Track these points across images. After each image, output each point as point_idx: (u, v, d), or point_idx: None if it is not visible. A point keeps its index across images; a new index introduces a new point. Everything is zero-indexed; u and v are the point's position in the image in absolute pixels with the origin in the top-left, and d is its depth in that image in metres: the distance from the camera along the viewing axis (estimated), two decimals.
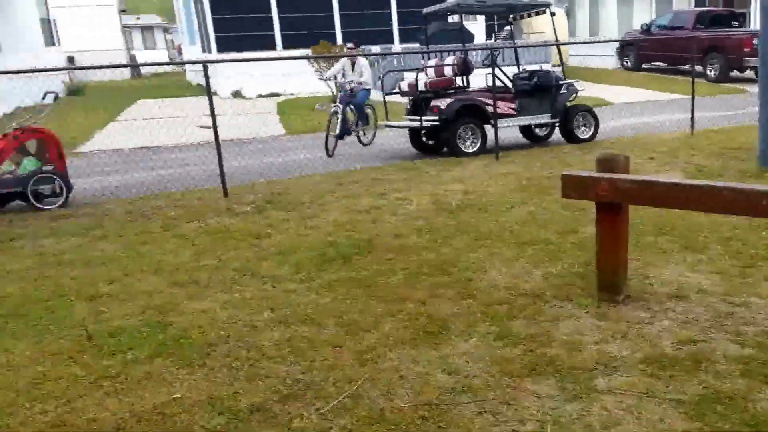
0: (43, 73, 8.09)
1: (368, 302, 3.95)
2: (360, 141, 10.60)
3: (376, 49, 18.55)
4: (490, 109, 9.16)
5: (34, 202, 6.84)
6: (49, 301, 4.16)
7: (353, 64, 10.44)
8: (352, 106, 10.19)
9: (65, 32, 27.72)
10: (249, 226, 5.82)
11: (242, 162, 8.95)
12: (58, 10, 27.11)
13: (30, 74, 14.55)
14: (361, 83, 10.23)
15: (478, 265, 4.49)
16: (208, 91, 7.07)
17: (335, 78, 10.58)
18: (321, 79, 10.47)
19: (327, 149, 9.64)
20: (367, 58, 17.76)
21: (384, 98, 10.20)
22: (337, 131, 9.80)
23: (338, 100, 10.08)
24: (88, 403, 2.95)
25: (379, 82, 17.84)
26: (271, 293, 4.19)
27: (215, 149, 7.21)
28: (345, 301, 3.98)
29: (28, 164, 7.02)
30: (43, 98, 7.41)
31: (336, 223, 5.75)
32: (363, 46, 18.25)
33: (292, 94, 18.73)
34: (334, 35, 19.63)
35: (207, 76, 6.95)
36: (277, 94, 19.11)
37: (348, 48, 11.00)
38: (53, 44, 23.73)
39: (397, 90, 10.12)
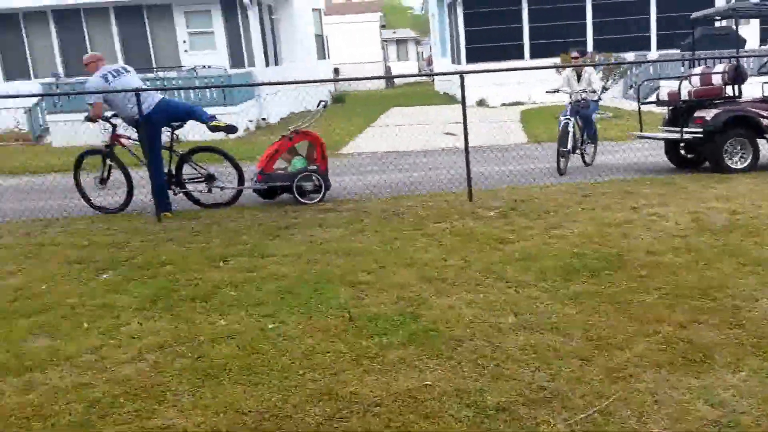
0: (315, 83, 9.07)
1: (619, 319, 3.78)
2: (583, 160, 9.46)
3: (630, 56, 17.54)
4: (766, 122, 8.14)
5: (298, 197, 7.71)
6: (318, 283, 4.68)
7: (579, 75, 9.55)
8: (579, 118, 9.27)
9: (334, 46, 30.97)
10: (493, 230, 5.92)
11: (485, 168, 9.09)
12: (329, 27, 30.37)
13: (304, 84, 16.51)
14: (595, 91, 9.39)
15: (748, 293, 4.03)
16: (462, 100, 7.34)
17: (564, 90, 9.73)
18: (546, 91, 9.77)
19: (559, 167, 8.73)
20: (620, 67, 16.94)
21: (639, 108, 9.61)
22: (569, 146, 8.88)
23: (567, 112, 9.10)
24: (350, 377, 3.27)
25: (631, 90, 16.81)
26: (515, 298, 4.22)
27: (459, 154, 7.46)
28: (593, 315, 3.86)
29: (297, 163, 7.94)
30: (317, 106, 8.36)
31: (583, 235, 5.58)
32: (616, 54, 17.38)
33: (534, 102, 18.56)
34: (585, 43, 19.01)
35: (463, 86, 7.24)
36: (520, 103, 19.11)
37: (573, 58, 10.24)
38: (324, 57, 26.65)
39: (653, 99, 9.44)
